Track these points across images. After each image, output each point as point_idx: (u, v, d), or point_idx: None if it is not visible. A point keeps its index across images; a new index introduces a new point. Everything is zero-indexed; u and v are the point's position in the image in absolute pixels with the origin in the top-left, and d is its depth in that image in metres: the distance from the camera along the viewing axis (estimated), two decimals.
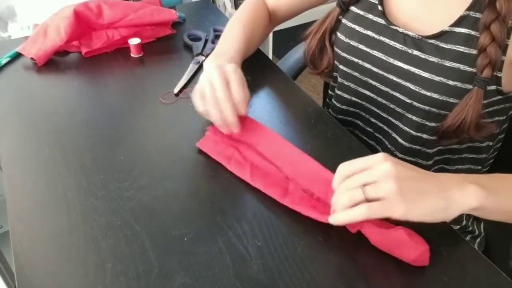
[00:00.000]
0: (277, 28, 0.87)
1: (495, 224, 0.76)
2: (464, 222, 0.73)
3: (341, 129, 0.67)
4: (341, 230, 0.51)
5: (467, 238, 0.74)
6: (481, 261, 0.49)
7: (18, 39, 0.91)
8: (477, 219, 0.76)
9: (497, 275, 0.48)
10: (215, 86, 0.59)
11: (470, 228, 0.74)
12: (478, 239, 0.75)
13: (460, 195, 0.46)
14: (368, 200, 0.46)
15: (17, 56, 0.84)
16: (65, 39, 0.81)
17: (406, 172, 0.47)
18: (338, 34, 0.70)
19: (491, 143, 0.69)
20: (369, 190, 0.46)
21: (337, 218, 0.48)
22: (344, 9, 0.69)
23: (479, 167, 0.72)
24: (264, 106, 0.71)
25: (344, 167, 0.49)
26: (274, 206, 0.55)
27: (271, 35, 1.90)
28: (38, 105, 0.72)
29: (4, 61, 0.82)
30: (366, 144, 0.75)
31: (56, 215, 0.54)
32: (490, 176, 0.52)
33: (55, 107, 0.72)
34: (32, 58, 0.81)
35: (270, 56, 1.91)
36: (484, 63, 0.55)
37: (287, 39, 1.13)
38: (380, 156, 0.47)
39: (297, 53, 0.99)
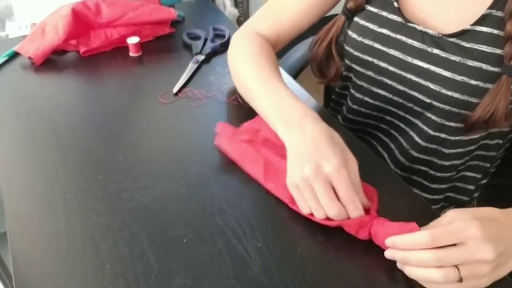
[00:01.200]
0: None
1: None
2: None
3: (341, 129, 0.66)
4: (342, 231, 0.51)
5: None
6: None
7: (16, 38, 0.91)
8: None
9: None
10: (318, 194, 0.49)
11: None
12: None
13: None
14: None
15: (15, 55, 0.83)
16: (63, 38, 0.81)
17: (502, 248, 0.43)
18: (350, 32, 0.68)
19: (501, 141, 0.68)
20: (465, 272, 0.42)
21: None
22: (349, 17, 0.68)
23: (488, 165, 0.71)
24: None
25: (436, 237, 0.43)
26: (274, 207, 0.54)
27: None
28: (36, 105, 0.72)
29: (1, 60, 0.81)
30: (380, 142, 0.73)
31: (54, 216, 0.53)
32: None
33: (53, 106, 0.71)
34: (29, 57, 0.80)
35: None
36: None
37: None
38: (476, 232, 0.42)
39: (297, 52, 0.99)
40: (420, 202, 0.56)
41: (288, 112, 0.57)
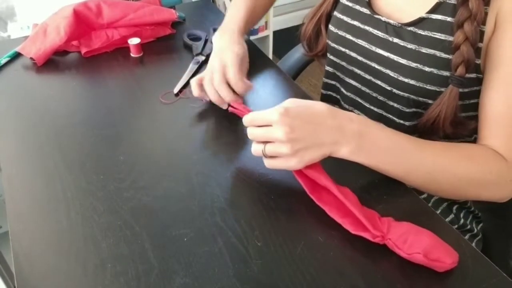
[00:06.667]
0: (277, 28, 0.87)
1: (494, 224, 0.76)
2: (462, 221, 0.73)
3: None
4: (342, 231, 0.51)
5: (466, 237, 0.74)
6: (481, 261, 0.49)
7: (18, 38, 0.91)
8: (476, 218, 0.76)
9: (497, 274, 0.48)
10: (214, 75, 0.67)
11: (469, 227, 0.74)
12: (477, 238, 0.75)
13: (345, 151, 0.52)
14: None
15: (17, 55, 0.84)
16: (65, 39, 0.81)
17: (301, 133, 0.51)
18: (330, 26, 0.72)
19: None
20: (268, 149, 0.53)
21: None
22: None
23: None
24: (264, 106, 0.70)
25: (252, 117, 0.54)
26: (274, 206, 0.55)
27: (271, 35, 1.90)
28: (38, 105, 0.72)
29: (3, 61, 0.82)
30: None
31: (55, 215, 0.54)
32: (398, 138, 0.55)
33: (55, 107, 0.72)
34: (31, 58, 0.81)
35: (270, 56, 1.91)
36: (458, 61, 0.57)
37: (287, 39, 1.13)
38: (278, 116, 0.51)
39: (297, 53, 0.99)
40: (418, 202, 0.56)
41: (226, 26, 0.76)
